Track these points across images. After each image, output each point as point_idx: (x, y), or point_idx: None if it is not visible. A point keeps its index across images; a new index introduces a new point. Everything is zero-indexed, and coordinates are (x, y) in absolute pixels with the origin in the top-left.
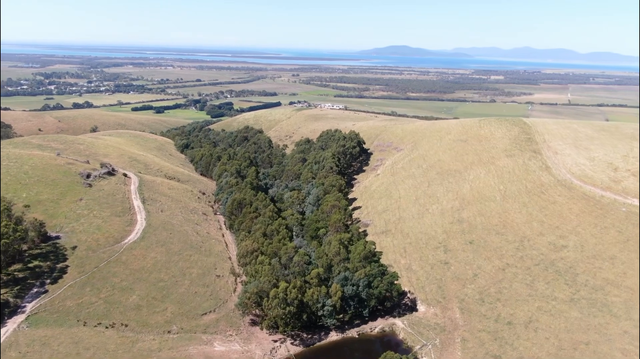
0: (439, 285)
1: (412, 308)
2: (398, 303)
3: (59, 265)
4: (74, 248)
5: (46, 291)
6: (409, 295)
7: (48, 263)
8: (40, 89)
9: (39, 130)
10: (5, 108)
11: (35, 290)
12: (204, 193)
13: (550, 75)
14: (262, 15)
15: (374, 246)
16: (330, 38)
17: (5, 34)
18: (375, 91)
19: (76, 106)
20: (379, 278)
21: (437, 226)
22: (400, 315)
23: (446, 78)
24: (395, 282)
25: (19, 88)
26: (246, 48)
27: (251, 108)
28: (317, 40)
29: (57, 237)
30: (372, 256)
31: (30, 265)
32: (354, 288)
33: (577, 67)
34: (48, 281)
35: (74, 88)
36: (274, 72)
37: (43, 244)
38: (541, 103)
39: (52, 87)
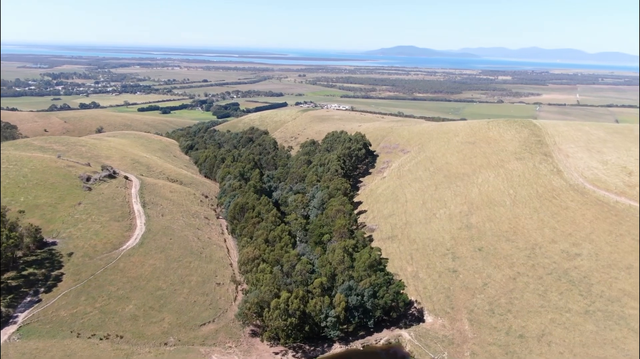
0: (447, 295)
1: (419, 318)
2: (404, 313)
3: (54, 273)
4: (70, 254)
5: (40, 301)
6: (415, 304)
7: (43, 270)
8: (48, 90)
9: (45, 130)
10: (13, 109)
11: (28, 299)
12: (206, 196)
13: (559, 76)
14: (269, 15)
15: (379, 253)
16: (337, 38)
17: (14, 35)
18: (381, 91)
19: (83, 106)
20: (385, 288)
21: (445, 232)
22: (406, 326)
23: (453, 78)
24: (402, 292)
25: (26, 88)
26: (253, 48)
27: (257, 109)
28: (323, 40)
29: (54, 243)
30: (378, 265)
31: (24, 273)
32: (359, 298)
33: (585, 67)
34: (42, 289)
35: (81, 88)
36: (281, 73)
37: (39, 250)
38: (549, 104)
39: (60, 88)
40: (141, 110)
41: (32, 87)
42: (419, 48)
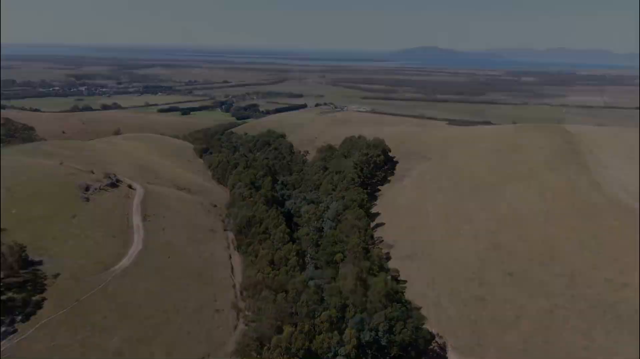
0: (474, 329)
1: (442, 356)
2: (425, 349)
3: (35, 298)
4: (57, 276)
5: (15, 331)
6: (437, 339)
7: (23, 295)
8: (72, 90)
9: (63, 132)
10: (35, 110)
11: (3, 328)
12: (215, 206)
13: (586, 77)
14: (293, 16)
15: (397, 274)
16: (359, 39)
17: (41, 36)
18: (403, 92)
19: (104, 107)
20: (402, 322)
21: (471, 252)
22: None
23: (477, 79)
24: (422, 326)
25: (50, 89)
26: (275, 49)
27: (277, 110)
28: (345, 41)
29: (40, 263)
30: (395, 294)
31: (3, 298)
32: (372, 333)
33: (614, 67)
34: (19, 318)
35: (104, 89)
36: (301, 74)
37: (22, 271)
38: (577, 106)
39: (83, 89)
40: (161, 111)
41: (56, 88)
42: (442, 48)
